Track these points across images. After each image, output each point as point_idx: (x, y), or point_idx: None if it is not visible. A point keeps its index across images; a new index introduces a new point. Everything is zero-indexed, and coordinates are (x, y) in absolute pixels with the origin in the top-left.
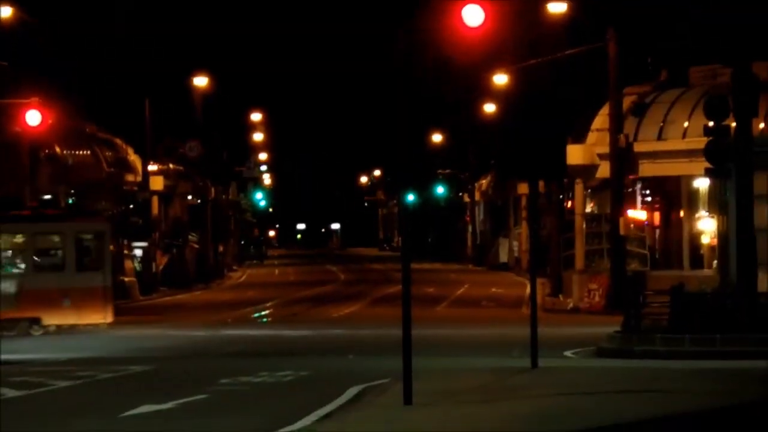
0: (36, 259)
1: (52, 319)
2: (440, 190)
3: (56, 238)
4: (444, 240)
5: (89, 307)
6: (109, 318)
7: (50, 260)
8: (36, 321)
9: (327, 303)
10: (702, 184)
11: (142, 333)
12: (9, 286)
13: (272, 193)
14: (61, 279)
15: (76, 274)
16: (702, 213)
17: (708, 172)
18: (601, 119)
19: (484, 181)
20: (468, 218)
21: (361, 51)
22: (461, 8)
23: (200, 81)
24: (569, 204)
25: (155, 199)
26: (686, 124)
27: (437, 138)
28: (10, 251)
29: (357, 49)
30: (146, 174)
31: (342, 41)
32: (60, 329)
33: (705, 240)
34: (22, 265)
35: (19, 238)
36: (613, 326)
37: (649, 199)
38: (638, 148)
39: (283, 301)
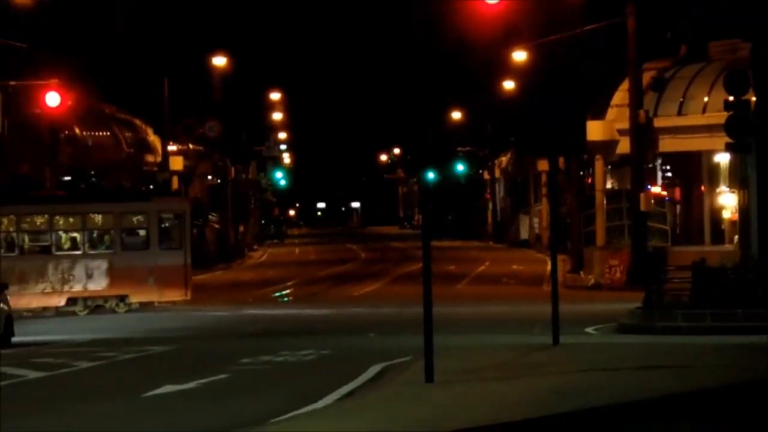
0: (124, 238)
1: (137, 297)
2: (460, 167)
3: (141, 218)
4: (464, 217)
5: (171, 285)
6: (188, 296)
7: (135, 239)
8: (123, 298)
9: (348, 282)
10: (722, 159)
11: (162, 313)
12: (100, 265)
13: (292, 172)
14: (145, 258)
15: (159, 252)
16: (723, 188)
17: (728, 147)
18: (621, 95)
19: (504, 158)
20: (488, 195)
21: (380, 28)
22: None
23: (219, 61)
24: (589, 180)
25: (175, 179)
26: (706, 99)
27: (457, 115)
28: (98, 231)
29: (377, 26)
30: (166, 154)
31: (361, 18)
32: (138, 306)
33: (726, 215)
34: (111, 244)
35: (108, 218)
36: (634, 302)
37: (669, 174)
38: (658, 123)
39: (304, 280)
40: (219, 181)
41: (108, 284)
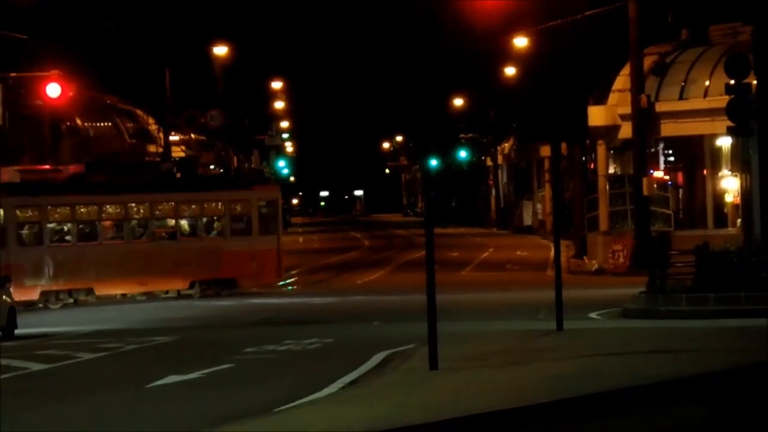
0: (232, 224)
1: (243, 282)
2: (463, 154)
3: (244, 205)
4: (467, 204)
5: (268, 269)
6: (281, 279)
7: (239, 226)
8: (232, 282)
9: (351, 270)
10: (724, 142)
11: (165, 303)
12: (214, 250)
13: (295, 161)
14: (249, 243)
15: (259, 238)
16: (725, 172)
17: (730, 131)
18: (623, 80)
19: (506, 145)
20: (491, 182)
21: (383, 16)
22: None
23: (220, 50)
24: (592, 166)
25: None
26: (707, 83)
27: (459, 102)
28: (211, 218)
29: (379, 15)
30: (168, 144)
31: (364, 6)
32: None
33: (728, 199)
34: (222, 231)
35: (218, 205)
36: (638, 287)
37: (671, 159)
38: (660, 108)
39: (308, 268)
40: (222, 170)
41: (220, 269)
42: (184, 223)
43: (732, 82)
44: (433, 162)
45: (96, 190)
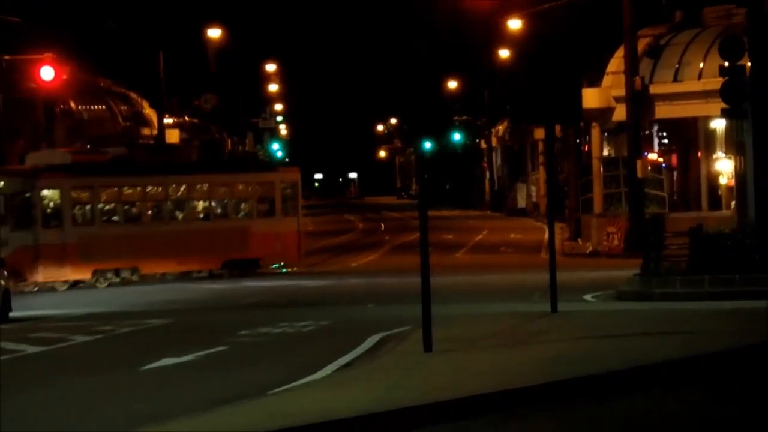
0: (258, 206)
1: (268, 261)
2: (457, 136)
3: (269, 187)
4: (462, 187)
5: (290, 250)
6: (301, 259)
7: (264, 206)
8: (257, 263)
9: (346, 252)
10: (718, 124)
11: (160, 286)
12: (243, 231)
13: (289, 144)
14: (273, 224)
15: (282, 219)
16: (719, 154)
17: (724, 113)
18: (617, 62)
19: (500, 127)
20: (485, 164)
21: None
22: None
23: (214, 33)
24: (586, 148)
25: None
26: (702, 65)
27: (453, 85)
28: (240, 199)
29: None
30: (162, 127)
31: None
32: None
33: (722, 181)
34: (250, 212)
35: (246, 187)
36: (632, 269)
37: (666, 141)
38: (654, 90)
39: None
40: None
41: (247, 250)
42: (215, 204)
43: (726, 64)
44: (428, 144)
45: (139, 172)
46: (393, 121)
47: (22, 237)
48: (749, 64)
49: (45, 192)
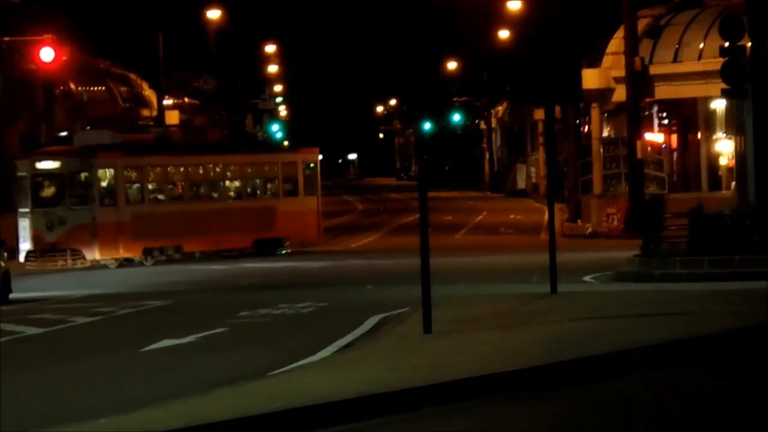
0: (284, 185)
1: (292, 240)
2: (456, 117)
3: (292, 167)
4: (461, 168)
5: (310, 229)
6: (321, 237)
7: (288, 186)
8: (282, 242)
9: (345, 233)
10: (719, 105)
11: (159, 268)
12: (270, 211)
13: (288, 125)
14: (297, 204)
15: (304, 199)
16: (719, 134)
17: (724, 93)
18: (616, 42)
19: (500, 108)
20: (485, 145)
21: None
22: None
23: (213, 14)
24: (586, 129)
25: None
26: (701, 45)
27: (452, 65)
28: (267, 179)
29: None
30: (161, 109)
31: None
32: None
33: (723, 161)
34: (276, 191)
35: (273, 167)
36: (632, 250)
37: (665, 121)
38: (654, 70)
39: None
40: None
41: (273, 229)
42: (246, 183)
43: (726, 44)
44: (427, 125)
45: (179, 151)
46: (392, 102)
47: (79, 215)
48: (749, 44)
49: (101, 171)
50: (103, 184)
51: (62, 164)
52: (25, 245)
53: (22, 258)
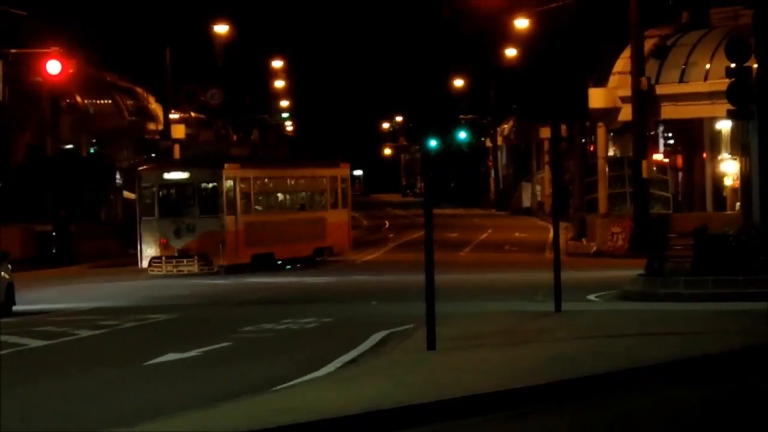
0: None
1: (335, 249)
2: (462, 135)
3: (333, 181)
4: (467, 185)
5: (345, 239)
6: (350, 248)
7: (331, 199)
8: (330, 250)
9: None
10: (724, 126)
11: (163, 282)
12: (321, 221)
13: (294, 140)
14: (337, 214)
15: (341, 210)
16: (724, 155)
17: (730, 114)
18: (623, 62)
19: (506, 126)
20: (490, 163)
21: None
22: None
23: (221, 28)
24: (592, 148)
25: (177, 148)
26: (708, 66)
27: (459, 83)
28: (319, 190)
29: None
30: (167, 122)
31: None
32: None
33: (728, 182)
34: (326, 203)
35: (324, 181)
36: (637, 269)
37: (671, 141)
38: (660, 90)
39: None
40: None
41: (324, 239)
42: (304, 195)
43: (732, 65)
44: (433, 143)
45: (270, 165)
46: (398, 118)
47: (209, 223)
48: (756, 65)
49: (227, 182)
50: (230, 194)
51: (192, 174)
52: (149, 251)
53: (145, 264)
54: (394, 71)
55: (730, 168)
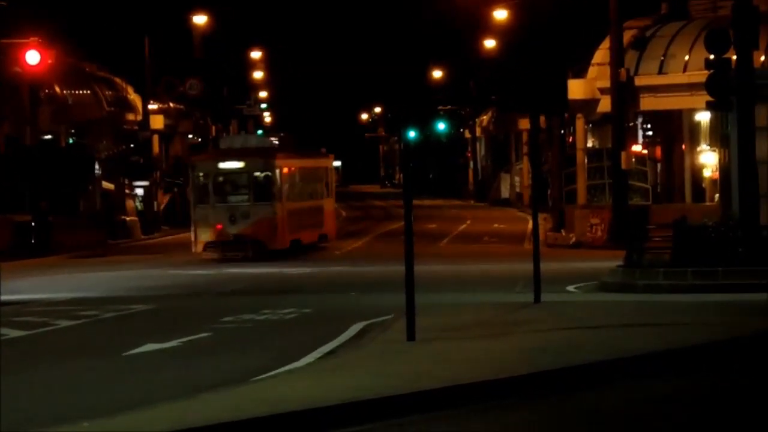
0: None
1: (329, 236)
2: (441, 126)
3: (326, 172)
4: (445, 176)
5: (333, 226)
6: (337, 236)
7: (324, 188)
8: (326, 237)
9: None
10: (703, 117)
11: (143, 272)
12: (320, 209)
13: (273, 131)
14: (328, 203)
15: (329, 199)
16: (703, 146)
17: (709, 106)
18: (602, 53)
19: (485, 117)
20: (469, 154)
21: None
22: None
23: (200, 19)
24: (570, 139)
25: (156, 138)
26: (687, 57)
27: (438, 74)
28: (319, 180)
29: None
30: (146, 113)
31: None
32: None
33: (706, 173)
34: (321, 192)
35: (321, 171)
36: (616, 261)
37: (650, 133)
38: (639, 82)
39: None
40: (200, 140)
41: (323, 227)
42: (311, 184)
43: (712, 57)
44: (412, 133)
45: (296, 154)
46: (377, 109)
47: (263, 209)
48: (735, 57)
49: (278, 171)
50: (279, 182)
51: (247, 164)
52: (204, 237)
53: (200, 248)
54: (373, 62)
55: (709, 159)
